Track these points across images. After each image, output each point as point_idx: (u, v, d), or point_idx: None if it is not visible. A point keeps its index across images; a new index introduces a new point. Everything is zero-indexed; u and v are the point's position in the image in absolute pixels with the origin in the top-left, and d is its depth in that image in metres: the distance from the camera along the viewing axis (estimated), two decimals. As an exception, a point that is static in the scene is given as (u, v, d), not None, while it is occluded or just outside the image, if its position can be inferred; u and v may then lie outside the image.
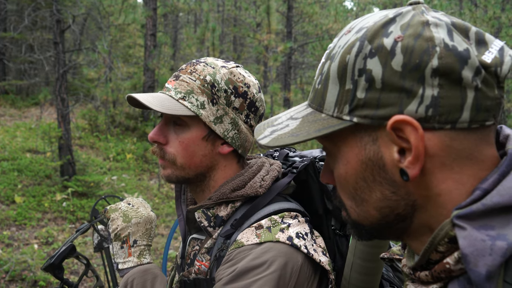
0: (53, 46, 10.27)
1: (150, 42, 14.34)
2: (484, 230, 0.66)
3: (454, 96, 0.69)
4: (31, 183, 9.88)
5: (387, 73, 0.70)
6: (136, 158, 12.86)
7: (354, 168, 0.77)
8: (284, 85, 14.20)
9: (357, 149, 0.76)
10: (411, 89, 0.69)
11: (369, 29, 0.74)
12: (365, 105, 0.72)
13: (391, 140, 0.72)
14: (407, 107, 0.70)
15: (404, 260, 0.85)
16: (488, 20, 11.34)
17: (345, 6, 20.12)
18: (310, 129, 0.77)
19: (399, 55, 0.70)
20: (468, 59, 0.69)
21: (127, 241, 1.50)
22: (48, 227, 8.08)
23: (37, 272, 6.43)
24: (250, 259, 1.24)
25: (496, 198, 0.67)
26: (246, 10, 17.22)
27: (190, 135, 1.39)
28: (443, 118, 0.69)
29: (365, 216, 0.79)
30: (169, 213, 9.51)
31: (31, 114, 15.66)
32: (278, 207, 1.36)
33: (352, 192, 0.79)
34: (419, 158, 0.70)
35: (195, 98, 1.37)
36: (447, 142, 0.70)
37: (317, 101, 0.80)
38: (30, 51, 14.99)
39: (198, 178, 1.43)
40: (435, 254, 0.73)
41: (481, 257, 0.65)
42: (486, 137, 0.73)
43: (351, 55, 0.74)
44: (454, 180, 0.72)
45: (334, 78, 0.76)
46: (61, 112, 9.94)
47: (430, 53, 0.69)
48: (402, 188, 0.74)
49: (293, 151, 1.67)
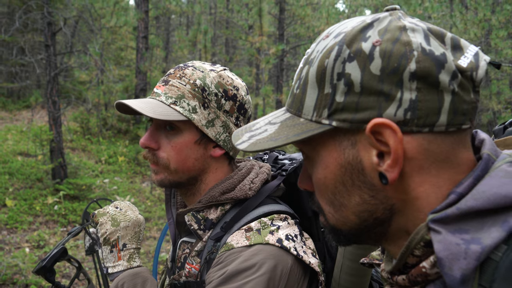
0: (45, 48, 10.23)
1: (142, 44, 14.32)
2: (459, 234, 0.67)
3: (432, 100, 0.69)
4: (23, 186, 9.83)
5: (366, 77, 0.71)
6: (128, 160, 12.83)
7: (333, 172, 0.77)
8: (276, 87, 14.21)
9: (336, 153, 0.76)
10: (390, 93, 0.70)
11: (347, 34, 0.75)
12: (344, 108, 0.73)
13: (370, 144, 0.72)
14: (386, 111, 0.70)
15: (382, 265, 0.85)
16: (478, 22, 11.40)
17: (337, 8, 20.18)
18: (289, 134, 0.77)
19: (378, 59, 0.70)
20: (445, 63, 0.70)
21: (116, 245, 1.50)
22: (39, 231, 8.04)
23: (28, 275, 6.39)
24: (240, 261, 1.24)
25: (470, 202, 0.67)
26: (238, 12, 17.23)
27: (183, 139, 1.39)
28: (421, 122, 0.70)
29: (344, 221, 0.79)
30: (161, 216, 9.50)
31: (22, 117, 15.59)
32: (268, 209, 1.36)
33: (330, 197, 0.79)
34: (398, 161, 0.70)
35: (186, 102, 1.37)
36: (425, 145, 0.71)
37: (295, 106, 0.80)
38: (21, 53, 14.92)
39: (190, 181, 1.44)
40: (411, 258, 0.73)
41: (456, 261, 0.65)
42: (463, 140, 0.74)
43: (329, 59, 0.74)
44: (431, 183, 0.73)
45: (313, 82, 0.76)
46: (52, 115, 9.90)
47: (408, 57, 0.70)
48: (380, 192, 0.74)
49: (282, 153, 1.68)
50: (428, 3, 12.62)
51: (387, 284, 0.82)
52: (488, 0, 12.71)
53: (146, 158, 1.44)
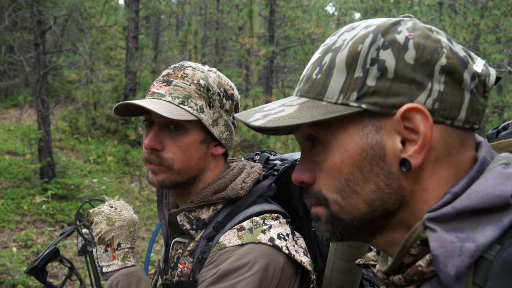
0: (34, 47, 10.16)
1: (132, 44, 14.28)
2: (454, 232, 0.69)
3: (455, 95, 0.74)
4: (10, 185, 9.75)
5: (400, 64, 0.74)
6: (117, 160, 12.77)
7: (352, 156, 0.77)
8: (266, 88, 14.22)
9: (358, 138, 0.77)
10: (422, 82, 0.74)
11: (380, 25, 0.78)
12: (374, 92, 0.75)
13: (395, 130, 0.75)
14: (417, 98, 0.74)
15: (378, 266, 0.86)
16: (467, 27, 11.48)
17: (327, 11, 20.23)
18: (314, 113, 0.77)
19: (412, 50, 0.75)
20: (468, 64, 0.76)
21: (111, 245, 1.50)
22: (27, 230, 7.98)
23: (15, 275, 6.35)
24: (232, 260, 1.25)
25: (465, 201, 0.70)
26: (228, 13, 17.22)
27: (189, 139, 1.39)
28: (446, 113, 0.74)
29: (350, 210, 0.79)
30: (150, 216, 9.47)
31: (10, 116, 15.46)
32: (260, 209, 1.38)
33: (342, 184, 0.79)
34: (425, 147, 0.73)
35: (194, 102, 1.38)
36: (444, 137, 0.75)
37: (315, 90, 0.80)
38: (10, 51, 14.78)
39: (191, 181, 1.44)
40: (407, 257, 0.75)
41: (451, 258, 0.67)
42: (470, 140, 0.78)
43: (364, 45, 0.77)
44: (441, 176, 0.75)
45: (341, 66, 0.78)
46: (41, 114, 9.83)
47: (439, 52, 0.75)
48: (396, 181, 0.75)
49: (273, 154, 1.69)
50: (417, 7, 12.71)
51: (382, 284, 0.83)
52: (477, 5, 12.81)
53: (147, 160, 1.42)
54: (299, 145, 0.88)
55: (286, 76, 19.93)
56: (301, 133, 0.84)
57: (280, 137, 10.01)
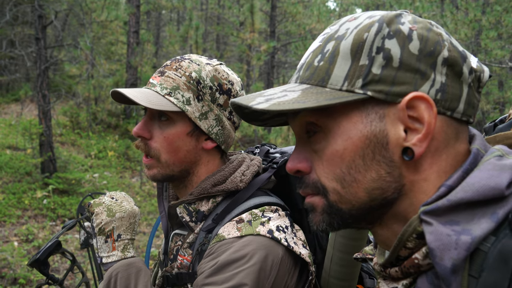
0: (35, 41, 10.16)
1: (133, 39, 14.26)
2: (450, 225, 0.69)
3: (455, 87, 0.76)
4: (11, 180, 9.77)
5: (405, 54, 0.76)
6: (118, 155, 12.78)
7: (355, 144, 0.77)
8: (267, 84, 14.22)
9: (362, 125, 0.77)
10: (425, 72, 0.76)
11: (384, 15, 0.79)
12: (380, 80, 0.76)
13: (398, 118, 0.76)
14: (421, 88, 0.75)
15: (375, 259, 0.87)
16: (469, 23, 11.45)
17: (328, 7, 20.15)
18: (319, 98, 0.76)
19: (416, 40, 0.76)
20: (466, 58, 0.78)
21: (111, 235, 1.51)
22: (28, 225, 8.00)
23: (17, 269, 6.37)
24: (231, 252, 1.26)
25: (460, 194, 0.70)
26: (229, 8, 17.19)
27: (175, 130, 1.41)
28: (447, 104, 0.76)
29: (350, 199, 0.79)
30: (151, 211, 9.49)
31: (11, 111, 15.47)
32: (259, 201, 1.38)
33: (343, 172, 0.78)
34: (428, 135, 0.74)
35: (181, 94, 1.39)
36: (444, 128, 0.76)
37: (317, 77, 0.80)
38: (11, 46, 14.79)
39: (183, 174, 1.45)
40: (404, 250, 0.76)
41: (447, 251, 0.68)
42: (464, 133, 0.79)
43: (370, 33, 0.77)
44: (440, 167, 0.76)
45: (346, 54, 0.78)
46: (42, 109, 9.84)
47: (441, 45, 0.77)
48: (396, 169, 0.76)
49: (273, 147, 1.69)
50: (418, 2, 12.67)
51: (380, 277, 0.83)
52: (479, 1, 12.79)
53: (138, 147, 1.46)
54: (294, 134, 0.87)
55: (287, 72, 19.93)
56: (299, 121, 0.83)
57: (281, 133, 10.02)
